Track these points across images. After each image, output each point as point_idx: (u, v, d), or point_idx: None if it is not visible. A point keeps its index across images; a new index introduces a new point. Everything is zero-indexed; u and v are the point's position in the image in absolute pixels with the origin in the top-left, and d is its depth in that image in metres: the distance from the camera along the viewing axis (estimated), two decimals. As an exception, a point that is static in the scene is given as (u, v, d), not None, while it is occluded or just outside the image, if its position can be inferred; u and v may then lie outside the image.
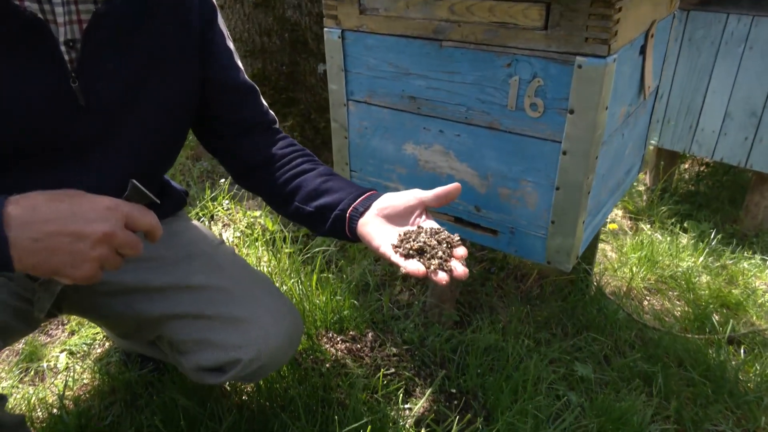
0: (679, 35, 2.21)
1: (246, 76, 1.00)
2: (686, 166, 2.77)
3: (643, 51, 1.13)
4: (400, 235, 0.80)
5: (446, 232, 0.80)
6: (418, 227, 0.81)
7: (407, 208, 0.84)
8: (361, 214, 0.85)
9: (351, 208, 0.87)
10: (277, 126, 1.05)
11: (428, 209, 0.86)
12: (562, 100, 0.98)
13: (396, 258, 0.76)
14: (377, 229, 0.82)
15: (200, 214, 1.81)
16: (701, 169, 2.71)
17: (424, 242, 0.77)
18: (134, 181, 0.67)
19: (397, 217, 0.84)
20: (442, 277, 0.73)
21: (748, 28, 2.05)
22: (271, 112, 1.04)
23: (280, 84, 1.89)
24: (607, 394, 1.21)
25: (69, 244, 0.60)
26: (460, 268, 0.75)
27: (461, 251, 0.77)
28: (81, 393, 1.20)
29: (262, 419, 1.07)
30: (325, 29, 1.23)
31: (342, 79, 1.25)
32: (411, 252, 0.76)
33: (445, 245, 0.78)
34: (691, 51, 2.21)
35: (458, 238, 0.80)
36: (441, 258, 0.75)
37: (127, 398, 1.15)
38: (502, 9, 0.98)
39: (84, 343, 1.34)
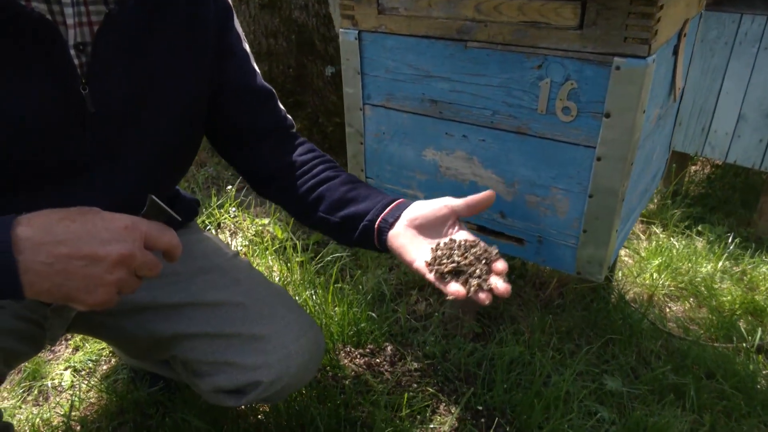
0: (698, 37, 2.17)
1: (263, 80, 0.95)
2: (696, 167, 2.73)
3: (676, 51, 1.08)
4: (433, 249, 0.76)
5: (482, 244, 0.76)
6: (451, 240, 0.77)
7: (439, 218, 0.80)
8: (391, 225, 0.81)
9: (380, 219, 0.82)
10: (295, 130, 0.99)
11: (460, 219, 0.81)
12: (597, 104, 0.93)
13: (432, 277, 0.73)
14: (409, 241, 0.78)
15: (207, 222, 1.75)
16: (712, 171, 2.67)
17: (460, 260, 0.73)
18: (153, 196, 0.62)
19: (428, 228, 0.80)
20: (483, 297, 0.69)
21: (762, 29, 2.01)
22: (289, 116, 0.99)
23: (287, 87, 1.83)
24: (640, 409, 1.16)
25: (83, 267, 0.55)
26: (501, 285, 0.70)
27: (501, 266, 0.73)
28: (87, 413, 1.14)
29: (281, 442, 1.02)
30: (340, 30, 1.18)
31: (358, 83, 1.20)
32: (447, 271, 0.72)
33: (483, 261, 0.74)
34: (704, 52, 2.17)
35: (496, 251, 0.76)
36: (480, 277, 0.71)
37: (137, 419, 1.09)
38: (532, 8, 0.94)
39: (89, 360, 1.28)
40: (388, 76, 1.16)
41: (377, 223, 0.82)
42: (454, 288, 0.70)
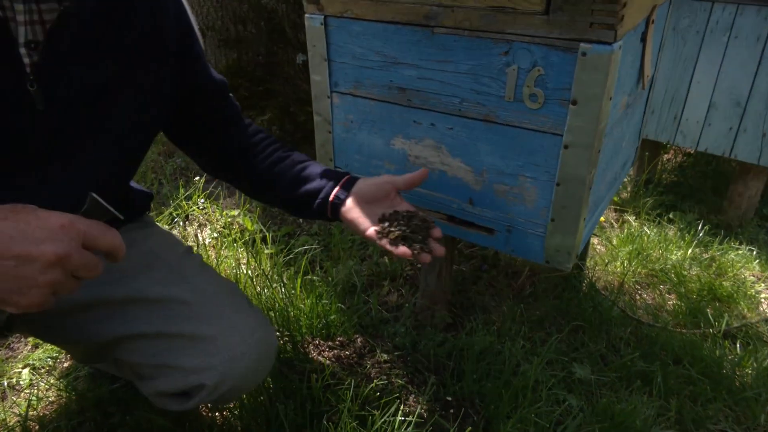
0: (667, 25, 2.17)
1: (215, 71, 0.97)
2: (669, 156, 2.76)
3: (644, 38, 1.07)
4: (380, 220, 0.91)
5: (420, 214, 0.92)
6: (395, 211, 0.93)
7: (383, 192, 0.94)
8: (343, 201, 0.93)
9: (333, 196, 0.94)
10: (241, 113, 1.03)
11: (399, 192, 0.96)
12: (564, 91, 0.91)
13: (382, 243, 0.87)
14: (359, 214, 0.92)
15: (174, 214, 1.70)
16: (684, 159, 2.70)
17: (405, 229, 0.89)
18: (93, 194, 0.59)
19: (375, 201, 0.94)
20: (425, 257, 0.86)
21: (732, 17, 2.02)
22: (235, 101, 1.02)
23: (257, 75, 1.79)
24: (608, 396, 1.17)
25: (14, 268, 0.52)
26: (438, 248, 0.89)
27: (437, 233, 0.91)
28: (46, 412, 1.10)
29: (246, 437, 1.00)
30: (306, 15, 1.14)
31: (325, 70, 1.17)
32: (394, 238, 0.87)
33: (423, 228, 0.90)
34: (675, 40, 2.18)
35: (432, 220, 0.93)
36: (421, 241, 0.89)
37: (97, 418, 1.06)
38: (499, -8, 0.91)
39: (49, 357, 1.24)
40: (355, 63, 1.13)
41: (331, 198, 0.93)
42: (402, 250, 0.85)
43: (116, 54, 0.76)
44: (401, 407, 1.11)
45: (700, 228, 2.04)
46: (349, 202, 0.93)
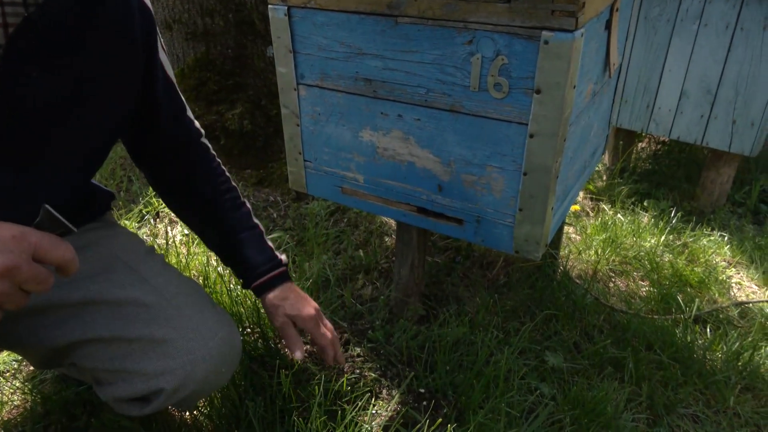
0: (635, 13, 2.19)
1: (179, 96, 0.96)
2: (643, 145, 2.79)
3: (608, 26, 1.07)
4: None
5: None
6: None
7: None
8: (267, 291, 1.00)
9: (261, 282, 1.00)
10: (204, 140, 1.02)
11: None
12: (527, 79, 0.91)
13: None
14: (274, 311, 0.98)
15: (144, 212, 1.67)
16: (658, 147, 2.73)
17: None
18: (47, 206, 0.57)
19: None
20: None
21: (702, 5, 2.04)
22: (199, 127, 1.01)
23: (226, 68, 1.76)
24: (580, 384, 1.18)
25: None
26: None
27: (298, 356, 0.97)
28: (10, 417, 1.07)
29: (216, 436, 0.98)
30: (269, 6, 1.12)
31: (291, 61, 1.15)
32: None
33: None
34: (647, 29, 2.19)
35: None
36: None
37: (63, 420, 1.04)
38: (461, -20, 0.91)
39: (14, 360, 1.21)
40: (320, 54, 1.11)
41: (258, 282, 0.99)
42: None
43: (80, 60, 0.74)
44: (373, 400, 1.10)
45: (673, 215, 2.07)
46: (269, 298, 0.99)
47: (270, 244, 1.03)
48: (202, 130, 1.02)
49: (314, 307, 1.01)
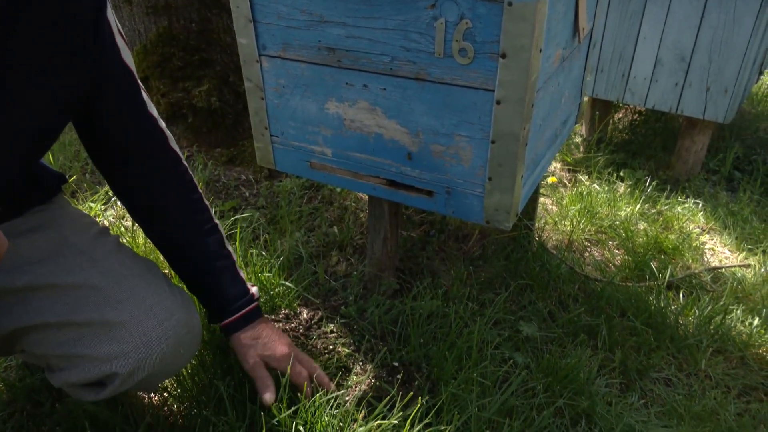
0: (610, -21, 2.16)
1: (139, 81, 0.88)
2: (620, 115, 2.79)
3: (576, -12, 1.05)
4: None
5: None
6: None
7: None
8: (235, 330, 0.96)
9: (231, 320, 0.96)
10: (182, 162, 0.95)
11: None
12: (492, 44, 0.88)
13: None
14: (243, 352, 0.96)
15: (110, 194, 1.63)
16: (635, 117, 2.73)
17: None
18: None
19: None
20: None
21: (676, -30, 2.02)
22: (162, 124, 0.93)
23: (191, 43, 1.70)
24: (553, 352, 1.18)
25: None
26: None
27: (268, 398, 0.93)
28: (-26, 406, 1.05)
29: (186, 418, 0.97)
30: (226, -27, 1.07)
31: (251, 32, 1.11)
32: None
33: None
34: (622, -4, 2.17)
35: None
36: None
37: (28, 407, 1.01)
38: (421, -60, 0.87)
39: (-23, 349, 1.18)
40: (281, 24, 1.07)
41: (228, 320, 0.96)
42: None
43: (13, 43, 0.69)
44: (347, 376, 1.10)
45: (648, 184, 2.07)
46: (238, 338, 0.96)
47: (242, 274, 0.99)
48: (168, 132, 0.93)
49: (287, 344, 0.98)
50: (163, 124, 0.91)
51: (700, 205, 2.01)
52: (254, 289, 1.00)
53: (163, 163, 0.91)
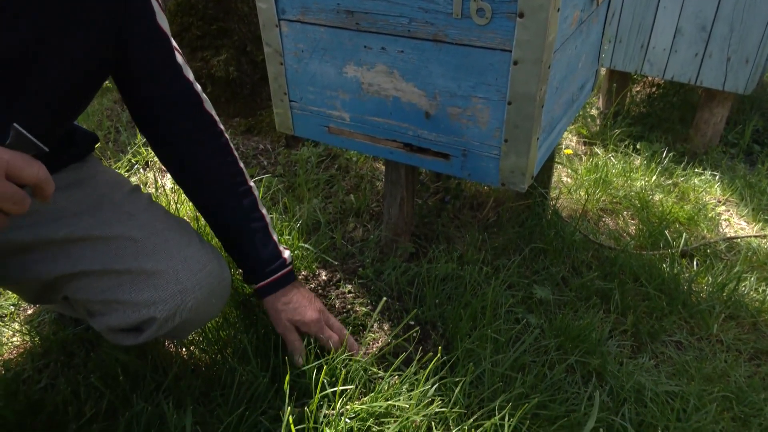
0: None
1: (175, 46, 0.90)
2: (638, 88, 2.76)
3: (595, -52, 1.04)
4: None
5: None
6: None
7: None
8: (268, 293, 0.99)
9: (265, 283, 0.99)
10: (207, 106, 0.97)
11: None
12: (510, 3, 0.89)
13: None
14: (275, 315, 0.99)
15: (133, 161, 1.67)
16: (652, 90, 2.70)
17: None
18: (17, 125, 0.56)
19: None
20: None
21: (699, -63, 1.98)
22: (214, 116, 0.97)
23: (209, 13, 1.72)
24: (566, 314, 1.21)
25: None
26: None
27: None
28: (11, 357, 1.10)
29: (211, 367, 1.01)
30: (246, -63, 1.09)
31: (271, -5, 1.12)
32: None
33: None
34: (642, -36, 2.13)
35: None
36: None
37: (62, 358, 1.06)
38: None
39: (11, 305, 1.24)
40: (300, -13, 1.08)
41: (261, 284, 0.98)
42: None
43: (42, 12, 0.72)
44: (365, 333, 1.13)
45: (664, 156, 2.06)
46: (271, 301, 0.99)
47: (275, 236, 1.01)
48: (204, 96, 0.95)
49: (318, 309, 1.01)
50: (198, 87, 0.94)
51: (717, 177, 2.00)
52: (287, 253, 1.02)
53: (199, 124, 0.94)
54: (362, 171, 1.69)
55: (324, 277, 1.28)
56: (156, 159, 1.70)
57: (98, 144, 1.00)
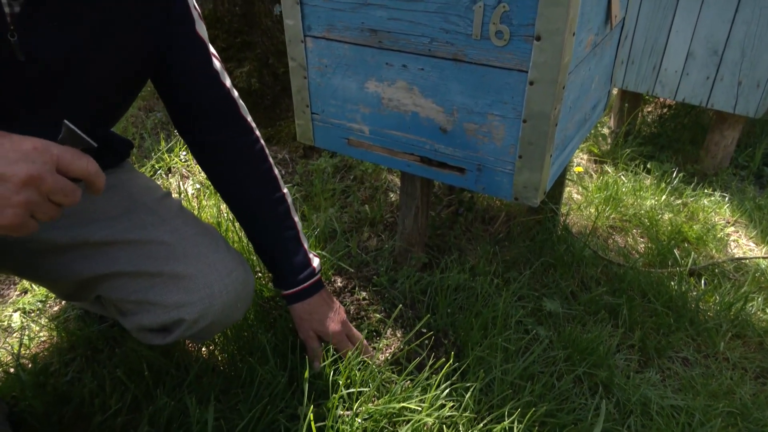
0: (644, -29, 2.17)
1: (214, 52, 0.95)
2: (649, 109, 2.79)
3: (610, -24, 1.09)
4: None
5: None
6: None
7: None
8: (296, 300, 1.03)
9: (293, 291, 1.02)
10: (243, 113, 1.01)
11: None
12: (528, 26, 0.94)
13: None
14: (299, 322, 1.03)
15: (156, 167, 1.73)
16: (664, 111, 2.74)
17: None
18: (67, 122, 0.60)
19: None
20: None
21: (712, -36, 2.02)
22: (249, 120, 1.01)
23: (234, 26, 1.78)
24: (574, 327, 1.24)
25: None
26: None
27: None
28: (38, 351, 1.15)
29: (231, 366, 1.05)
30: (277, -42, 1.14)
31: (298, 13, 1.18)
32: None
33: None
34: (655, -11, 2.18)
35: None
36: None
37: (88, 353, 1.11)
38: (464, -72, 0.93)
39: (39, 301, 1.28)
40: (327, 6, 1.14)
41: (289, 291, 1.02)
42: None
43: (98, 7, 0.76)
44: (379, 339, 1.17)
45: (674, 176, 2.09)
46: (297, 309, 1.03)
47: (305, 244, 1.05)
48: (240, 102, 0.99)
49: (341, 320, 1.04)
50: (235, 93, 0.98)
51: (727, 198, 2.03)
52: (316, 262, 1.05)
53: (235, 130, 0.98)
54: (377, 182, 1.74)
55: (340, 284, 1.32)
56: (178, 165, 1.75)
57: (132, 149, 1.05)
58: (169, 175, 1.73)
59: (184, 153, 1.79)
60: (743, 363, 1.28)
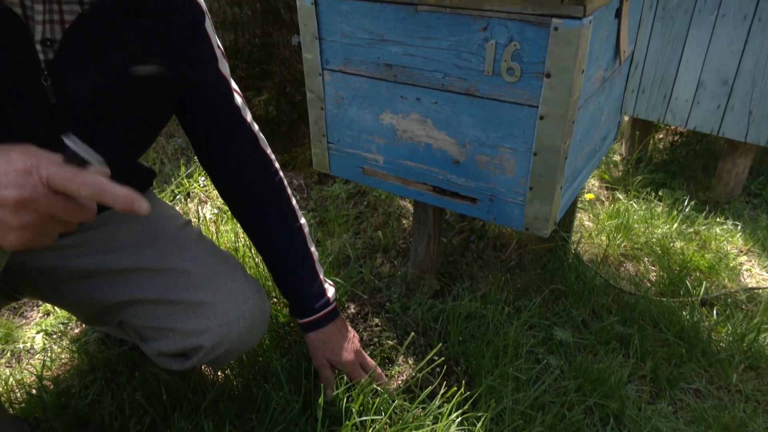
0: (654, 4, 2.21)
1: (235, 88, 0.99)
2: (660, 136, 2.81)
3: (618, 14, 1.13)
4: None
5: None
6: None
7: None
8: (312, 329, 1.06)
9: (309, 320, 1.05)
10: (261, 144, 1.05)
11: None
12: (538, 64, 0.97)
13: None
14: (315, 350, 1.06)
15: (176, 192, 1.77)
16: (675, 138, 2.75)
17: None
18: (66, 140, 0.56)
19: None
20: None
21: (720, -4, 2.06)
22: (255, 128, 1.04)
23: (253, 56, 1.85)
24: (585, 356, 1.24)
25: None
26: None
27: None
28: (60, 372, 1.18)
29: (246, 391, 1.07)
30: (297, -4, 1.20)
31: (316, 48, 1.22)
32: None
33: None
34: (665, 20, 2.22)
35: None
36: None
37: (108, 375, 1.14)
38: (477, -29, 0.97)
39: (60, 323, 1.32)
40: (344, 41, 1.18)
41: (305, 320, 1.05)
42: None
43: (125, 48, 0.81)
44: (391, 366, 1.18)
45: (686, 204, 2.10)
46: (313, 338, 1.05)
47: (321, 274, 1.07)
48: (261, 136, 1.03)
49: (354, 350, 1.07)
50: (256, 127, 1.02)
51: (739, 227, 2.02)
52: (331, 291, 1.08)
53: (255, 164, 1.02)
54: (390, 209, 1.77)
55: (353, 310, 1.34)
56: (197, 190, 1.80)
57: (155, 178, 1.09)
58: (188, 199, 1.78)
59: (203, 178, 1.83)
60: (756, 395, 1.27)
